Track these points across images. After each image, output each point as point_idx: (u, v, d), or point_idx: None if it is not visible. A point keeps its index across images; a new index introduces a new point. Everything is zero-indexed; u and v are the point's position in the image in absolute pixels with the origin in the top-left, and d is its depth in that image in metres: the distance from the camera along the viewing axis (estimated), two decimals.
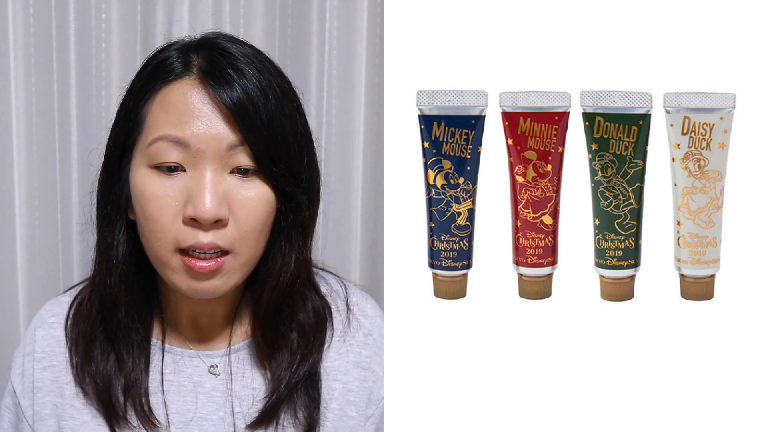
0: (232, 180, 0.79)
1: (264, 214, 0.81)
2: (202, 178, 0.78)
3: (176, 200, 0.78)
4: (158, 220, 0.78)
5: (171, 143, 0.78)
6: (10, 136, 1.33)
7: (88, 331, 0.87)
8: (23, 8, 1.32)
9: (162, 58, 0.81)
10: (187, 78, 0.79)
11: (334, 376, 0.88)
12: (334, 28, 1.37)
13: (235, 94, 0.77)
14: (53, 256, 1.38)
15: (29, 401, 0.88)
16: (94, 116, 1.36)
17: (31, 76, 1.33)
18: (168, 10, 1.34)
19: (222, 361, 0.88)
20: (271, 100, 0.79)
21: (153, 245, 0.80)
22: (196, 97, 0.78)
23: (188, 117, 0.78)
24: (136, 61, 1.35)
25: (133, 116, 0.81)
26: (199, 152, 0.78)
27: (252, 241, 0.81)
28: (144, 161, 0.80)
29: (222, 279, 0.81)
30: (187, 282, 0.80)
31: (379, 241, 1.41)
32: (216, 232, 0.78)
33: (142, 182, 0.79)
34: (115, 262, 0.84)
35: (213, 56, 0.80)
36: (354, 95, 1.38)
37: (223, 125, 0.78)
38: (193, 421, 0.86)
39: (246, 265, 0.82)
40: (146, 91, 0.80)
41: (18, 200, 1.35)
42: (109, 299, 0.85)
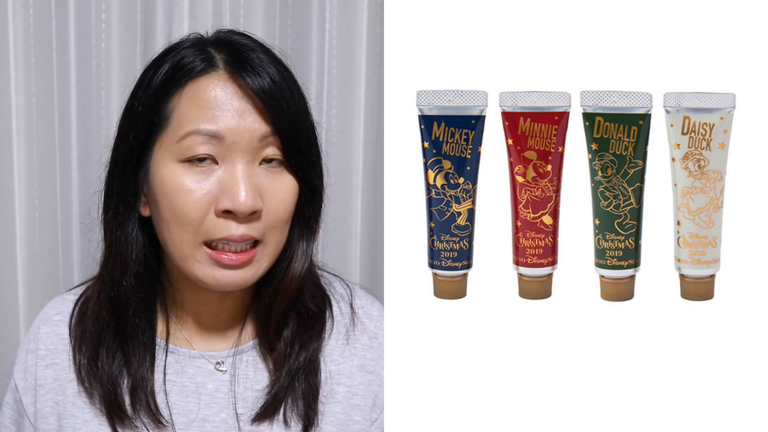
0: (261, 171, 0.81)
1: (291, 203, 0.83)
2: (236, 171, 0.79)
3: (209, 194, 0.80)
4: (189, 214, 0.79)
5: (205, 137, 0.79)
6: (10, 136, 1.33)
7: (96, 331, 0.87)
8: (23, 8, 1.32)
9: (179, 57, 0.82)
10: (215, 73, 0.81)
11: (338, 380, 0.88)
12: (334, 28, 1.37)
13: (266, 84, 0.80)
14: (53, 256, 1.38)
15: (31, 398, 0.88)
16: (94, 116, 1.36)
17: (31, 76, 1.33)
18: (168, 10, 1.34)
19: (227, 361, 0.88)
20: (294, 91, 0.82)
21: (177, 239, 0.81)
22: (228, 90, 0.80)
23: (221, 111, 0.79)
24: (136, 61, 1.35)
25: (156, 114, 0.81)
26: (234, 145, 0.79)
27: (279, 230, 0.83)
28: (173, 156, 0.80)
29: (253, 268, 0.82)
30: (213, 274, 0.81)
31: (379, 241, 1.41)
32: (249, 224, 0.80)
33: (172, 176, 0.80)
34: (130, 262, 0.84)
35: (235, 50, 0.82)
36: (354, 95, 1.38)
37: (254, 116, 0.80)
38: (195, 422, 0.85)
39: (273, 252, 0.84)
40: (169, 89, 0.81)
41: (18, 200, 1.35)
42: (120, 299, 0.85)
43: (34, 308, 1.38)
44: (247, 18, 1.35)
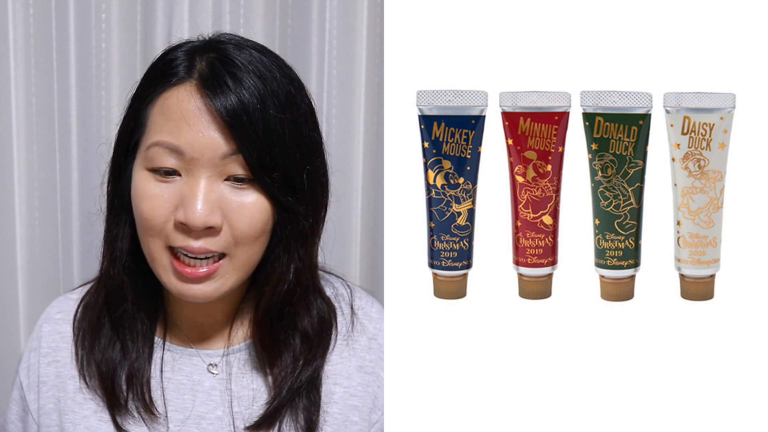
0: (226, 188, 0.79)
1: (260, 221, 0.81)
2: (196, 185, 0.78)
3: (169, 202, 0.79)
4: (150, 220, 0.79)
5: (166, 149, 0.78)
6: (10, 136, 1.34)
7: (94, 319, 0.88)
8: (23, 8, 1.32)
9: (168, 60, 0.82)
10: (188, 84, 0.79)
11: (335, 380, 0.88)
12: (334, 28, 1.37)
13: (230, 103, 0.77)
14: (53, 256, 1.38)
15: (35, 395, 0.89)
16: (94, 116, 1.36)
17: (31, 76, 1.34)
18: (168, 10, 1.34)
19: (221, 361, 0.88)
20: (269, 108, 0.79)
21: (146, 243, 0.81)
22: (193, 104, 0.78)
23: (184, 124, 0.78)
24: (136, 61, 1.35)
25: (137, 117, 0.81)
26: (194, 160, 0.78)
27: (248, 246, 0.81)
28: (142, 163, 0.80)
29: (216, 283, 0.81)
30: (177, 286, 0.81)
31: (379, 241, 1.41)
32: (208, 238, 0.79)
33: (138, 182, 0.80)
34: (119, 254, 0.85)
35: (214, 63, 0.80)
36: (354, 95, 1.38)
37: (217, 134, 0.78)
38: (190, 419, 0.86)
39: (242, 269, 0.82)
40: (149, 93, 0.81)
41: (18, 200, 1.35)
42: (114, 290, 0.86)
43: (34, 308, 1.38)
44: (247, 18, 1.35)
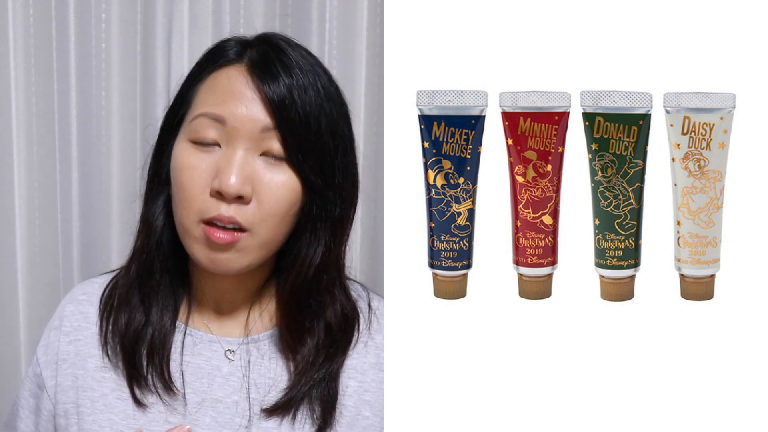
0: (260, 162, 0.83)
1: (287, 200, 0.84)
2: (233, 155, 0.82)
3: (207, 173, 0.82)
4: (188, 190, 0.83)
5: (210, 120, 0.83)
6: (10, 136, 1.34)
7: (123, 294, 0.91)
8: (23, 8, 1.32)
9: (221, 46, 0.87)
10: (238, 65, 0.84)
11: (350, 374, 0.89)
12: (334, 28, 1.37)
13: (276, 85, 0.82)
14: (53, 256, 1.38)
15: (52, 372, 0.91)
16: (94, 116, 1.36)
17: (31, 76, 1.34)
18: (168, 10, 1.34)
19: (240, 348, 0.89)
20: (311, 95, 0.84)
21: (180, 214, 0.84)
22: (241, 82, 0.83)
23: (229, 98, 0.83)
24: (136, 61, 1.35)
25: (184, 96, 0.87)
26: (234, 130, 0.82)
27: (272, 224, 0.84)
28: (185, 135, 0.85)
29: (236, 255, 0.83)
30: (206, 252, 0.83)
31: (379, 241, 1.41)
32: (238, 207, 0.82)
33: (180, 153, 0.84)
34: (154, 228, 0.88)
35: (266, 50, 0.85)
36: (354, 95, 1.38)
37: (260, 109, 0.82)
38: (207, 402, 0.87)
39: (263, 247, 0.85)
40: (199, 73, 0.86)
41: (18, 200, 1.35)
42: (146, 264, 0.89)
43: (34, 308, 1.38)
44: (247, 18, 1.35)
